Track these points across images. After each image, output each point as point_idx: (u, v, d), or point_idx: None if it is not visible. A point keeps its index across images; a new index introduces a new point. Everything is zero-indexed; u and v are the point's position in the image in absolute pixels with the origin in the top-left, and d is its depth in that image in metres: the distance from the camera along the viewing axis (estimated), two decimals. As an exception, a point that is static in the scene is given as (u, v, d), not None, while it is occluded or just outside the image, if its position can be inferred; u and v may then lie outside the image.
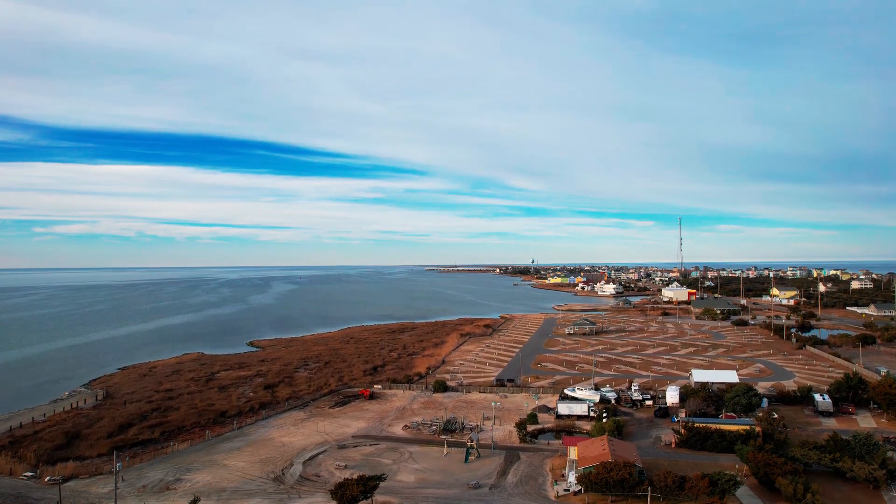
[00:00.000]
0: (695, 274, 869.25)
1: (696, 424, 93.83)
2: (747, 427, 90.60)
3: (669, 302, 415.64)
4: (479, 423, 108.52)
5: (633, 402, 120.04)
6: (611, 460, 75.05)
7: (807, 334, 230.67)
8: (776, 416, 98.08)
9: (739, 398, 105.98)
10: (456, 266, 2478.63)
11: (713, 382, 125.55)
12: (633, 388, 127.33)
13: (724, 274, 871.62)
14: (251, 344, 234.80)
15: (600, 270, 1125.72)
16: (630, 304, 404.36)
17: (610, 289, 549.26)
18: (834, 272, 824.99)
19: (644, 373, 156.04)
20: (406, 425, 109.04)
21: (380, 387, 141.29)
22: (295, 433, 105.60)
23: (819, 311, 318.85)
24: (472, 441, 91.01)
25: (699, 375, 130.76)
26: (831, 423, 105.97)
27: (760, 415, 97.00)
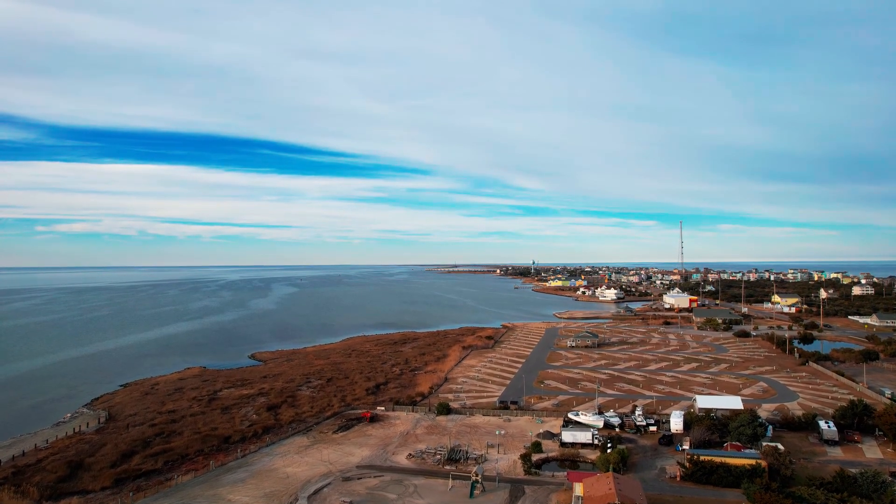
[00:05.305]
0: (696, 276, 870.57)
1: (701, 458, 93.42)
2: (753, 462, 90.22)
3: (671, 309, 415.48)
4: (483, 452, 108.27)
5: (637, 428, 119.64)
6: (616, 502, 74.78)
7: (809, 347, 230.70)
8: (782, 448, 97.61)
9: (744, 428, 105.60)
10: (456, 266, 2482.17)
11: (717, 409, 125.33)
12: (636, 412, 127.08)
13: (725, 276, 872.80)
14: (253, 357, 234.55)
15: (601, 272, 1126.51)
16: (631, 311, 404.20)
17: (611, 294, 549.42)
18: (835, 275, 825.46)
19: (647, 392, 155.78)
20: (410, 454, 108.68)
21: (383, 409, 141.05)
22: (299, 462, 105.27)
23: (821, 321, 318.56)
24: (477, 475, 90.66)
25: (703, 401, 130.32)
26: (837, 453, 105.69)
27: (766, 447, 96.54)
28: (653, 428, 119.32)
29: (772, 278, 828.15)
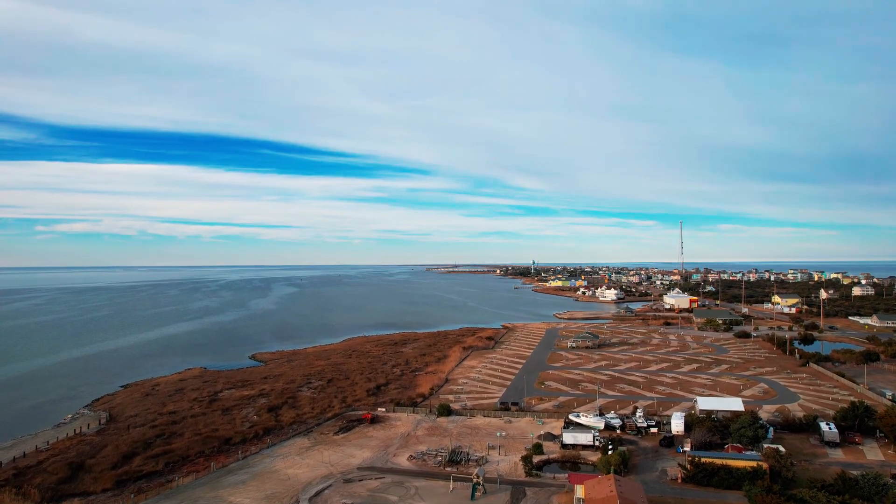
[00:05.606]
0: (696, 276, 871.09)
1: (702, 460, 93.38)
2: (754, 464, 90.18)
3: (671, 309, 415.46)
4: (484, 454, 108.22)
5: (638, 430, 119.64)
6: (618, 504, 74.73)
7: (809, 348, 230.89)
8: (783, 450, 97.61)
9: (745, 430, 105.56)
10: (456, 266, 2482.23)
11: (719, 410, 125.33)
12: (637, 413, 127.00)
13: (725, 276, 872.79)
14: (253, 357, 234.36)
15: (601, 273, 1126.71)
16: (631, 311, 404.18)
17: (611, 294, 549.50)
18: (835, 275, 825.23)
19: (648, 394, 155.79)
20: (411, 455, 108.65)
21: (384, 410, 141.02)
22: (300, 464, 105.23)
23: (821, 321, 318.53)
24: (478, 477, 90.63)
25: (704, 403, 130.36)
26: (838, 455, 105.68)
27: (767, 449, 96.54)
28: (654, 429, 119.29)
29: (772, 278, 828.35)
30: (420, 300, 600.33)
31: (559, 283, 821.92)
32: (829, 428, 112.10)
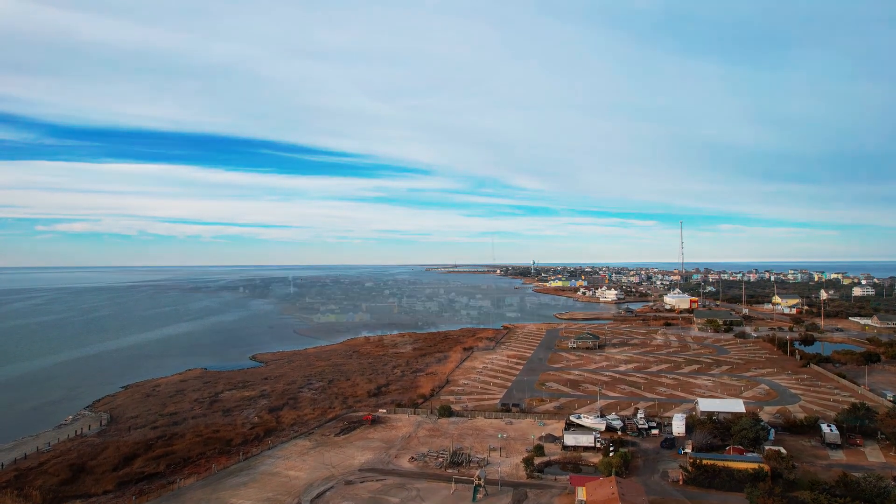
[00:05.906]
0: (696, 277, 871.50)
1: (703, 461, 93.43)
2: (756, 466, 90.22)
3: (671, 310, 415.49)
4: (485, 455, 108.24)
5: (639, 431, 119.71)
6: (620, 506, 74.74)
7: (810, 348, 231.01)
8: (784, 452, 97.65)
9: (747, 431, 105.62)
10: (456, 266, 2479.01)
11: (720, 412, 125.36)
12: (638, 415, 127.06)
13: (726, 277, 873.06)
14: (253, 358, 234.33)
15: (601, 273, 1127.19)
16: (632, 312, 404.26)
17: (611, 295, 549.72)
18: (835, 276, 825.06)
19: (649, 395, 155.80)
20: (412, 457, 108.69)
21: (385, 411, 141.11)
22: (301, 465, 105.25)
23: (822, 322, 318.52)
24: (479, 478, 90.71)
25: (705, 404, 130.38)
26: (839, 456, 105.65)
27: (768, 451, 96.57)
28: (655, 431, 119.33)
29: (772, 279, 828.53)
30: (420, 300, 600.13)
31: (559, 284, 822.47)
32: (831, 429, 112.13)
